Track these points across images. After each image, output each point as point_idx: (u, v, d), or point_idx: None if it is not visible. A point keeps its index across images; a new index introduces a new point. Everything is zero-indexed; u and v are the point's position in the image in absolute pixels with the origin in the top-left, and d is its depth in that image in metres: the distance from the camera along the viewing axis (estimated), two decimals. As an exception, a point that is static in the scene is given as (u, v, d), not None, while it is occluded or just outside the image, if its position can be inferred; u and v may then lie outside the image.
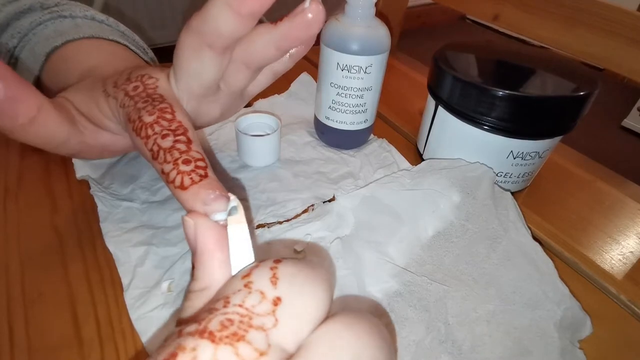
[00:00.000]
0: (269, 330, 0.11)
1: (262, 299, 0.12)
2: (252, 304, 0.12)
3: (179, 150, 0.19)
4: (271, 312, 0.11)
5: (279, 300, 0.12)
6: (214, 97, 0.25)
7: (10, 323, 0.24)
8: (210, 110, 0.26)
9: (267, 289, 0.12)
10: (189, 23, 0.21)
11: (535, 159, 0.35)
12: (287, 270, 0.13)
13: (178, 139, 0.20)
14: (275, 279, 0.12)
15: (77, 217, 0.31)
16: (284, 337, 0.11)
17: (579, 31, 0.42)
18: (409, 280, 0.28)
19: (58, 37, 0.30)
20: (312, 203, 0.34)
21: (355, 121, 0.38)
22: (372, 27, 0.34)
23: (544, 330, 0.26)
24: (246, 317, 0.11)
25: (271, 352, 0.11)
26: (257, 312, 0.11)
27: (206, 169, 0.19)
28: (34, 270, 0.27)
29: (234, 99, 0.27)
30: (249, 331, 0.11)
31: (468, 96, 0.33)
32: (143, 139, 0.20)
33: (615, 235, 0.34)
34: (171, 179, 0.18)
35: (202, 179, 0.18)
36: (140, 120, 0.21)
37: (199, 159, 0.19)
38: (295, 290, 0.12)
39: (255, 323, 0.11)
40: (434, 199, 0.33)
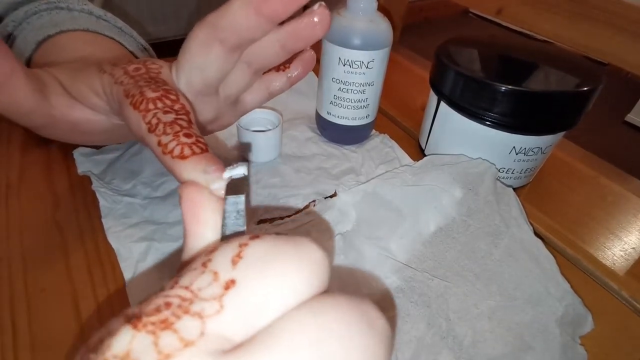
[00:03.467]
0: (208, 318, 0.10)
1: (213, 281, 0.10)
2: (199, 287, 0.10)
3: (180, 125, 0.19)
4: (218, 296, 0.10)
5: (232, 283, 0.10)
6: (210, 99, 0.25)
7: (13, 318, 0.24)
8: (204, 111, 0.25)
9: (223, 270, 0.11)
10: (207, 17, 0.21)
11: (538, 154, 0.34)
12: (256, 249, 0.11)
13: (180, 117, 0.19)
14: (238, 259, 0.11)
15: (78, 212, 0.31)
16: (228, 325, 0.10)
17: (583, 25, 0.42)
18: (410, 276, 0.28)
19: (52, 27, 0.30)
20: (313, 199, 0.34)
21: (357, 116, 0.38)
22: (374, 21, 0.34)
23: (545, 326, 0.26)
24: (187, 302, 0.10)
25: (202, 342, 0.10)
26: (202, 295, 0.10)
27: (207, 146, 0.18)
28: (37, 265, 0.27)
29: (228, 105, 0.27)
30: (182, 318, 0.10)
31: (470, 91, 0.33)
32: (142, 112, 0.20)
33: (617, 232, 0.34)
34: (169, 149, 0.18)
35: (203, 152, 0.18)
36: (142, 95, 0.20)
37: (200, 137, 0.19)
38: (255, 273, 0.10)
39: (194, 309, 0.10)
40: (436, 195, 0.33)
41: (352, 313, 0.10)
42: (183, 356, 0.09)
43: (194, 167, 0.17)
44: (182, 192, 0.15)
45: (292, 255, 0.11)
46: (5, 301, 0.25)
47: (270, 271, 0.11)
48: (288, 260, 0.11)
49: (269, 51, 0.23)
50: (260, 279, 0.10)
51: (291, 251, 0.11)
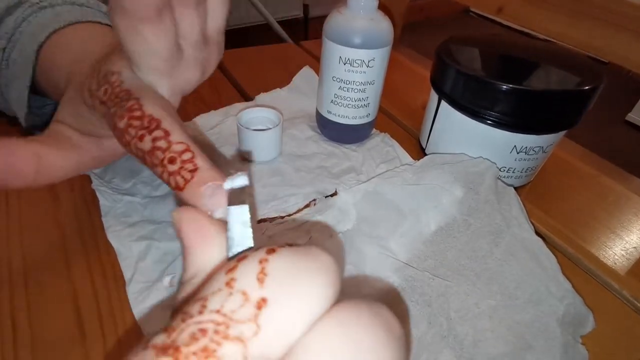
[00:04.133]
0: (248, 341, 0.10)
1: (245, 302, 0.10)
2: (231, 309, 0.10)
3: (160, 149, 0.18)
4: (253, 317, 0.10)
5: (264, 302, 0.10)
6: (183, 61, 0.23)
7: (13, 317, 0.24)
8: (188, 75, 0.23)
9: (251, 289, 0.11)
10: (112, 5, 0.19)
11: (539, 153, 0.34)
12: (278, 264, 0.11)
13: (155, 137, 0.18)
14: (263, 276, 0.11)
15: (78, 211, 0.31)
16: (267, 345, 0.10)
17: (583, 24, 0.42)
18: (410, 275, 0.28)
19: (40, 31, 0.30)
20: (314, 198, 0.33)
21: (357, 115, 0.38)
22: (374, 20, 0.34)
23: (546, 325, 0.26)
24: (222, 326, 0.10)
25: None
26: (236, 318, 0.10)
27: (193, 159, 0.17)
28: (37, 264, 0.27)
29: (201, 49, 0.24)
30: (223, 344, 0.10)
31: (471, 90, 0.33)
32: (126, 147, 0.19)
33: (619, 231, 0.34)
34: (166, 182, 0.17)
35: (193, 173, 0.17)
36: (116, 128, 0.20)
37: (183, 151, 0.18)
38: (285, 289, 0.11)
39: (232, 333, 0.10)
40: (437, 194, 0.33)
41: (374, 320, 0.11)
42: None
43: (194, 198, 0.16)
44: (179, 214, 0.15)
45: (312, 268, 0.11)
46: (5, 299, 0.25)
47: (297, 286, 0.11)
48: (310, 273, 0.11)
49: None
50: (290, 295, 0.11)
51: (310, 264, 0.11)
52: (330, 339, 0.10)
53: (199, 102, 0.46)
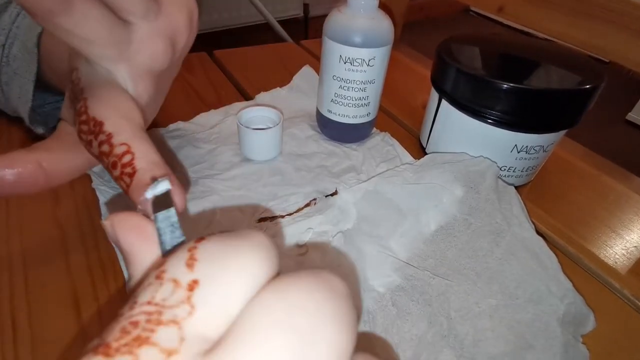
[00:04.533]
0: (183, 321, 0.10)
1: (176, 288, 0.10)
2: (162, 297, 0.10)
3: (105, 154, 0.18)
4: (186, 299, 0.10)
5: (196, 283, 0.10)
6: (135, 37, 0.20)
7: (14, 316, 0.24)
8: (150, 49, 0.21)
9: (181, 275, 0.11)
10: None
11: (540, 152, 0.34)
12: (207, 248, 0.11)
13: (100, 141, 0.18)
14: (193, 261, 0.11)
15: (79, 210, 0.31)
16: (204, 323, 0.10)
17: (584, 23, 0.42)
18: (411, 274, 0.28)
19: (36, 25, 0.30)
20: (314, 197, 0.33)
21: (357, 114, 0.38)
22: (375, 19, 0.34)
23: (546, 325, 0.26)
24: (155, 314, 0.10)
25: (185, 346, 0.09)
26: (169, 304, 0.10)
27: (133, 162, 0.17)
28: (37, 263, 0.27)
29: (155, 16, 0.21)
30: (157, 330, 0.10)
31: (472, 89, 0.33)
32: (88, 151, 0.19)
33: (619, 230, 0.34)
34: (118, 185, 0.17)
35: (132, 177, 0.16)
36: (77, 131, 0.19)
37: (123, 154, 0.17)
38: (216, 268, 0.11)
39: (166, 318, 0.10)
40: (437, 193, 0.33)
41: (312, 283, 0.11)
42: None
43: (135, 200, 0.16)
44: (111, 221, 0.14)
45: (242, 245, 0.11)
46: (5, 299, 0.25)
47: (227, 262, 0.11)
48: (240, 249, 0.11)
49: None
50: (220, 272, 0.11)
51: (239, 241, 0.11)
52: (268, 305, 0.10)
53: (199, 101, 0.46)
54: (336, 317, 0.10)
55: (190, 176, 0.34)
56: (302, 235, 0.30)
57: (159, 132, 0.39)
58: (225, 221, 0.31)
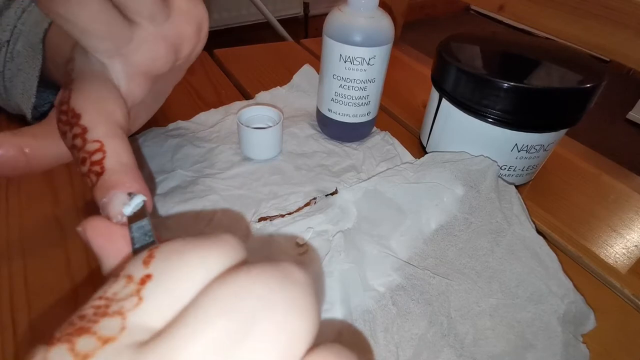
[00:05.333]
0: (128, 312, 0.10)
1: (128, 283, 0.11)
2: (114, 292, 0.11)
3: (77, 147, 0.17)
4: (135, 292, 0.11)
5: (149, 277, 0.11)
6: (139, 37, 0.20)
7: (14, 314, 0.24)
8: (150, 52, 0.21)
9: (136, 271, 0.11)
10: None
11: (540, 152, 0.34)
12: (167, 247, 0.12)
13: (75, 133, 0.18)
14: (150, 259, 0.11)
15: (78, 209, 0.31)
16: (150, 315, 0.10)
17: (585, 22, 0.41)
18: (411, 273, 0.28)
19: (43, 20, 0.30)
20: (314, 196, 0.33)
21: (358, 114, 0.38)
22: (375, 18, 0.34)
23: (547, 324, 0.26)
24: (102, 308, 0.10)
25: (124, 335, 0.10)
26: (118, 297, 0.10)
27: (102, 161, 0.16)
28: (37, 261, 0.27)
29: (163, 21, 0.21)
30: (100, 321, 0.10)
31: (472, 88, 0.33)
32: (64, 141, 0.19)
33: (620, 229, 0.34)
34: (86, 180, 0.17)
35: (99, 176, 0.16)
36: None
37: (94, 151, 0.17)
38: (169, 263, 0.11)
39: (112, 309, 0.10)
40: (437, 193, 0.33)
41: (263, 271, 0.11)
42: (103, 353, 0.09)
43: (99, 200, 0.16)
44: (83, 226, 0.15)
45: (199, 242, 0.12)
46: (5, 297, 0.25)
47: (181, 257, 0.11)
48: (195, 246, 0.11)
49: None
50: (173, 268, 0.11)
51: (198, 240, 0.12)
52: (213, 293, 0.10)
53: (199, 100, 0.46)
54: (287, 303, 0.10)
55: (189, 174, 0.34)
56: (302, 235, 0.30)
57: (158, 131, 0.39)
58: (225, 220, 0.31)
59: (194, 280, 0.11)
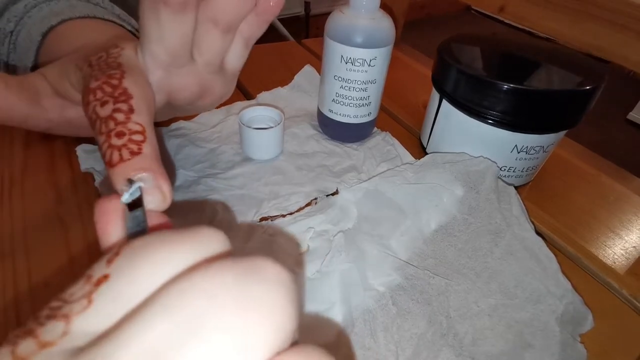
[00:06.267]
0: (74, 316, 0.10)
1: (85, 283, 0.10)
2: (71, 292, 0.10)
3: (115, 120, 0.17)
4: (87, 294, 0.10)
5: (105, 278, 0.10)
6: (187, 69, 0.23)
7: (18, 314, 0.24)
8: (187, 84, 0.24)
9: (97, 271, 0.10)
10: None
11: (540, 153, 0.34)
12: (134, 245, 0.11)
13: (118, 107, 0.18)
14: (114, 256, 0.11)
15: (81, 209, 0.31)
16: (96, 318, 0.10)
17: (585, 23, 0.42)
18: (411, 273, 0.28)
19: (54, 17, 0.30)
20: (315, 196, 0.34)
21: (358, 114, 0.38)
22: (376, 19, 0.34)
23: (545, 324, 0.26)
24: (55, 310, 0.10)
25: (65, 340, 0.09)
26: (72, 299, 0.10)
27: (142, 143, 0.17)
28: (40, 260, 0.27)
29: (213, 73, 0.25)
30: (46, 324, 0.10)
31: (472, 89, 0.33)
32: (84, 106, 0.19)
33: (619, 230, 0.34)
34: (103, 153, 0.17)
35: (134, 155, 0.16)
36: (86, 86, 0.19)
37: (135, 132, 0.17)
38: (130, 261, 0.10)
39: (61, 312, 0.10)
40: (437, 193, 0.33)
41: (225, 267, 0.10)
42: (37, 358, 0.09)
43: (119, 177, 0.16)
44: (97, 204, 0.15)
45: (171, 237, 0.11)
46: (9, 295, 0.25)
47: (142, 255, 0.10)
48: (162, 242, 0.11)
49: (230, 3, 0.21)
50: (132, 265, 0.10)
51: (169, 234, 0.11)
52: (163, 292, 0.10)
53: (201, 100, 0.46)
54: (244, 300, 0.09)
55: (190, 174, 0.34)
56: (303, 235, 0.30)
57: (160, 131, 0.39)
58: (226, 220, 0.31)
59: (153, 281, 0.10)
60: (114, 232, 0.14)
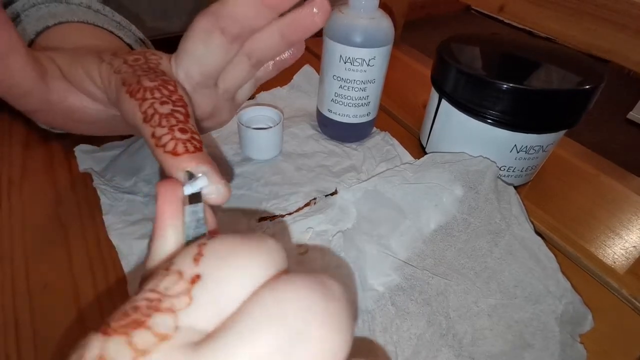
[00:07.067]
0: (180, 312, 0.10)
1: (179, 279, 0.11)
2: (165, 286, 0.11)
3: (176, 118, 0.19)
4: (186, 291, 0.11)
5: (198, 277, 0.11)
6: (209, 91, 0.25)
7: (16, 314, 0.24)
8: (202, 104, 0.25)
9: (186, 268, 0.11)
10: (209, 6, 0.21)
11: (539, 152, 0.34)
12: (216, 246, 0.12)
13: (177, 109, 0.19)
14: (199, 256, 0.11)
15: (80, 209, 0.31)
16: (199, 317, 0.10)
17: (585, 23, 0.41)
18: (410, 274, 0.28)
19: (51, 18, 0.30)
20: (314, 196, 0.34)
21: (358, 114, 0.38)
22: (375, 18, 0.34)
23: (545, 324, 0.26)
24: (155, 301, 0.10)
25: (178, 334, 0.10)
26: (169, 293, 0.11)
27: (201, 143, 0.18)
28: (39, 261, 0.27)
29: (226, 100, 0.27)
30: (153, 315, 0.10)
31: (472, 89, 0.33)
32: (138, 100, 0.20)
33: (618, 230, 0.34)
34: (162, 143, 0.18)
35: (197, 151, 0.18)
36: (139, 84, 0.20)
37: (195, 132, 0.19)
38: (219, 265, 0.11)
39: (164, 305, 0.10)
40: (437, 193, 0.33)
41: (309, 283, 0.11)
42: (160, 351, 0.10)
43: (184, 165, 0.17)
44: (159, 189, 0.15)
45: (246, 245, 0.12)
46: (8, 296, 0.25)
47: (230, 260, 0.11)
48: (244, 250, 0.12)
49: (268, 42, 0.23)
50: (222, 269, 0.11)
51: (245, 242, 0.12)
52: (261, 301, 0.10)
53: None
54: (329, 317, 0.10)
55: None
56: (302, 235, 0.30)
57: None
58: (226, 220, 0.31)
59: (241, 286, 0.11)
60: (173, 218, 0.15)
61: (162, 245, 0.14)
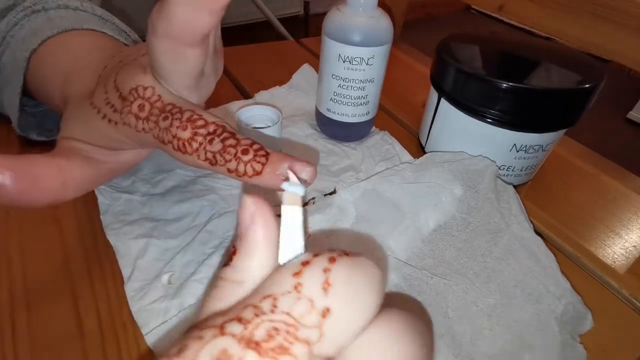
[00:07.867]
0: (314, 345, 0.11)
1: (311, 309, 0.11)
2: (300, 313, 0.11)
3: (232, 145, 0.20)
4: (318, 325, 0.11)
5: (328, 311, 0.11)
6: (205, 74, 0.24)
7: (12, 316, 0.24)
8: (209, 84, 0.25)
9: (317, 297, 0.11)
10: (155, 28, 0.19)
11: (539, 152, 0.34)
12: (339, 275, 0.12)
13: (223, 137, 0.20)
14: (327, 286, 0.12)
15: (77, 209, 0.31)
16: (324, 350, 0.11)
17: (584, 22, 0.41)
18: (409, 273, 0.28)
19: (33, 37, 0.29)
20: (313, 196, 0.33)
21: (357, 113, 0.38)
22: (374, 17, 0.34)
23: (544, 324, 0.26)
24: (292, 328, 0.11)
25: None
26: (304, 322, 0.11)
27: (264, 148, 0.19)
28: (36, 262, 0.27)
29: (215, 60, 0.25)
30: (294, 344, 0.11)
31: (471, 88, 0.33)
32: (193, 154, 0.21)
33: (618, 229, 0.34)
34: (241, 173, 0.19)
35: (267, 157, 0.19)
36: (178, 139, 0.21)
37: (252, 143, 0.20)
38: (346, 301, 0.12)
39: (301, 335, 0.11)
40: (436, 192, 0.33)
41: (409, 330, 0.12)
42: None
43: (272, 177, 0.18)
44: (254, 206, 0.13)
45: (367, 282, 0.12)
46: (4, 298, 0.25)
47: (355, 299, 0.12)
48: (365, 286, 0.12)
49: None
50: (349, 307, 0.12)
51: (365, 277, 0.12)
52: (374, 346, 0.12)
53: (199, 99, 0.45)
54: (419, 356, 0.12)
55: (188, 174, 0.34)
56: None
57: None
58: (225, 220, 0.31)
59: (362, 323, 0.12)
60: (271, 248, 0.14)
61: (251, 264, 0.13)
